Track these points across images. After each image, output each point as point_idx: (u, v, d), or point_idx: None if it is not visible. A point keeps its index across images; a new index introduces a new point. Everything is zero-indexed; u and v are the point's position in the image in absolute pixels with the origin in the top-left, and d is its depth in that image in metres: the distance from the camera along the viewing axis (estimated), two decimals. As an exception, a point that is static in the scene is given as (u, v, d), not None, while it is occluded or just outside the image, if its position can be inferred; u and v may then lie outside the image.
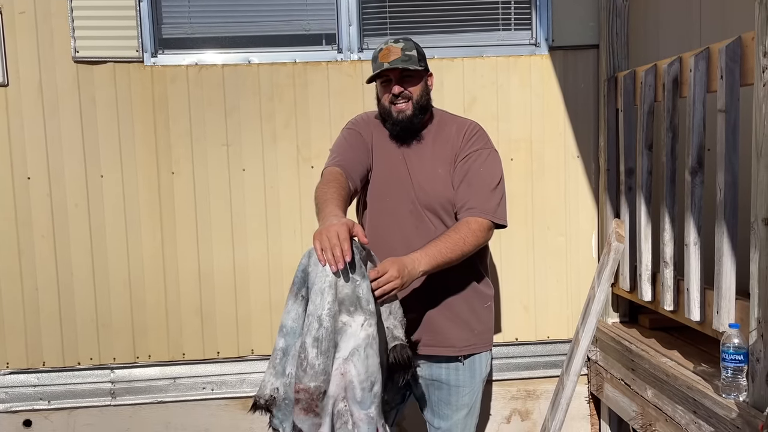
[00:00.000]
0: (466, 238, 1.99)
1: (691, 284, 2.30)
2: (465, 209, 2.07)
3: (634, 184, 2.78)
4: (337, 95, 3.03)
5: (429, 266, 1.90)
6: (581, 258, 3.16)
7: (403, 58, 2.07)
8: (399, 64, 2.06)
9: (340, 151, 2.16)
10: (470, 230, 2.01)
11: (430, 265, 1.90)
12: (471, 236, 2.01)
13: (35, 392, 3.01)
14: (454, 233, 2.00)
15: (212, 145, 3.01)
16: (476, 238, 2.02)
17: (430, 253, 1.92)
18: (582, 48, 3.09)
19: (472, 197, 2.08)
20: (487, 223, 2.05)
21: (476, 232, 2.02)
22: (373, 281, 1.73)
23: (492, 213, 2.07)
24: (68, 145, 2.95)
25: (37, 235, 2.96)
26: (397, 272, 1.79)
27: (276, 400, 1.70)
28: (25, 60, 2.91)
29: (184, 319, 3.05)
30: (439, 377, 2.20)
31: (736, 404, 1.98)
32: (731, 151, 2.09)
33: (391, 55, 2.07)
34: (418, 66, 2.09)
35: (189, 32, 3.02)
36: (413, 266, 1.86)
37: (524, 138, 3.10)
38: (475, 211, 2.05)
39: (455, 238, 1.98)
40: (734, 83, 2.06)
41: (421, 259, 1.89)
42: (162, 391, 3.06)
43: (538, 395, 3.21)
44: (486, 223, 2.05)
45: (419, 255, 1.90)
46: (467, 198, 2.08)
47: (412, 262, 1.87)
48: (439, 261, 1.93)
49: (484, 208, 2.06)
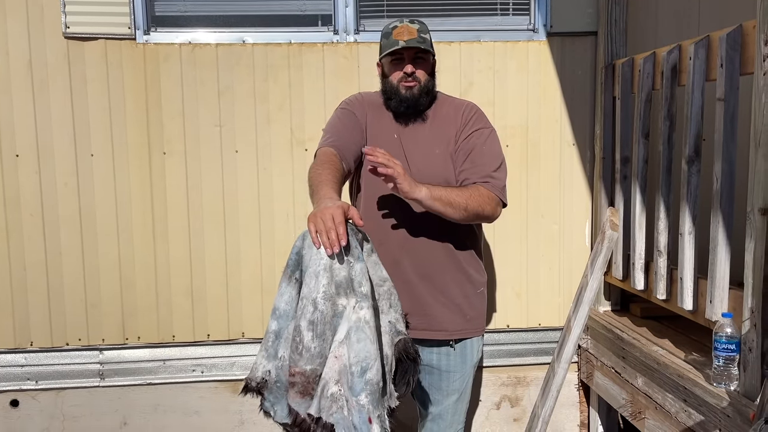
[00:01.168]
0: (473, 196, 2.02)
1: (685, 273, 2.30)
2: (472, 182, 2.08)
3: (629, 172, 2.77)
4: (332, 77, 2.99)
5: (428, 196, 1.94)
6: (574, 246, 3.16)
7: (418, 40, 2.08)
8: (415, 44, 2.06)
9: (334, 131, 2.14)
10: (479, 194, 2.04)
11: (429, 195, 1.94)
12: (478, 198, 2.03)
13: (23, 372, 2.99)
14: (464, 188, 2.05)
15: (205, 126, 2.97)
16: (481, 203, 2.03)
17: (434, 186, 1.97)
18: (580, 35, 3.06)
19: (478, 174, 2.09)
20: (494, 197, 2.08)
21: (484, 198, 2.04)
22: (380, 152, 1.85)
23: (499, 190, 2.10)
24: (58, 122, 2.90)
25: (26, 214, 2.92)
26: (402, 169, 1.88)
27: (267, 383, 1.69)
28: (15, 35, 2.85)
29: (174, 301, 3.02)
30: (430, 362, 2.20)
31: (727, 393, 1.98)
32: (729, 141, 2.08)
33: (407, 34, 2.07)
34: (431, 50, 2.11)
35: (183, 10, 2.97)
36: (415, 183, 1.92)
37: (520, 124, 3.08)
38: (485, 184, 2.08)
39: (463, 191, 2.03)
40: (734, 72, 2.04)
41: (422, 185, 1.94)
42: (151, 372, 3.04)
43: (528, 382, 3.22)
44: (494, 197, 2.08)
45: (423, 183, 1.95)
46: (473, 174, 2.09)
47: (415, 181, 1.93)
48: (439, 195, 1.96)
49: (493, 184, 2.08)
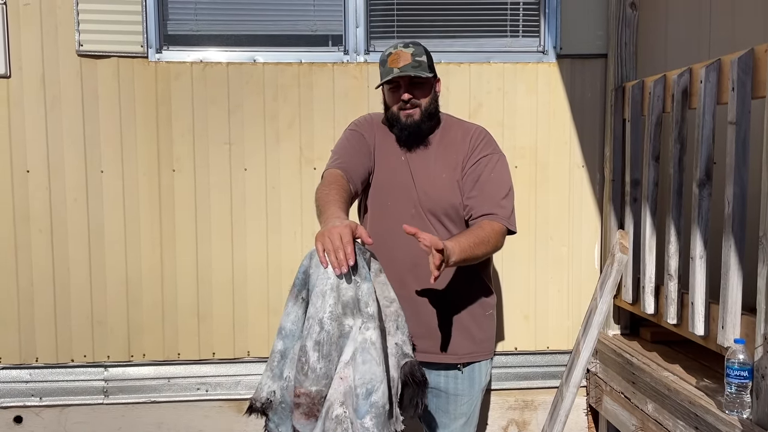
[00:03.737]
0: (490, 238, 1.96)
1: (696, 298, 2.27)
2: (481, 214, 2.05)
3: (639, 195, 2.76)
4: (342, 97, 3.00)
5: (459, 258, 1.80)
6: (583, 269, 3.13)
7: (413, 64, 2.03)
8: (410, 71, 2.01)
9: (342, 152, 2.13)
10: (493, 231, 1.98)
11: (460, 257, 1.80)
12: (493, 237, 1.98)
13: (27, 388, 2.97)
14: (480, 230, 1.95)
15: (214, 144, 2.98)
16: (496, 240, 2.00)
17: (462, 246, 1.81)
18: (590, 57, 3.07)
19: (486, 203, 2.05)
20: (504, 228, 2.04)
21: (498, 235, 2.00)
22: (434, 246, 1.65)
23: (507, 219, 2.05)
24: (69, 138, 2.92)
25: (35, 229, 2.93)
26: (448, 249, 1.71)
27: (272, 404, 1.66)
28: (29, 52, 2.88)
29: (180, 319, 3.01)
30: (438, 385, 2.17)
31: (739, 421, 1.95)
32: (741, 164, 2.06)
33: (401, 60, 2.03)
34: (428, 73, 2.06)
35: (194, 29, 3.00)
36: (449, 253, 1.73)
37: (529, 146, 3.08)
38: (494, 216, 2.03)
39: (482, 236, 1.93)
40: (746, 95, 2.04)
41: (454, 249, 1.77)
42: (156, 390, 3.02)
43: (536, 406, 3.17)
44: (503, 229, 2.03)
45: (452, 245, 1.78)
46: (482, 204, 2.05)
47: (448, 250, 1.73)
48: (467, 255, 1.84)
49: (501, 215, 2.04)
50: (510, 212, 2.07)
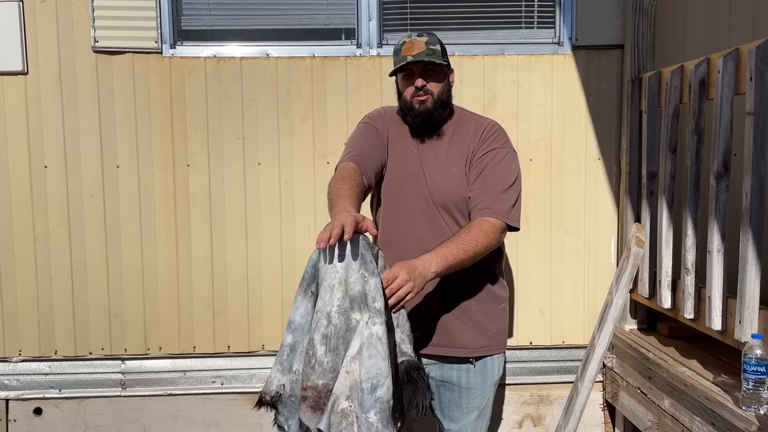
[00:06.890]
0: (478, 239, 1.93)
1: (713, 292, 2.23)
2: (478, 209, 2.01)
3: (656, 187, 2.72)
4: (355, 91, 3.00)
5: (441, 267, 1.83)
6: (599, 262, 3.10)
7: (427, 52, 2.03)
8: (423, 57, 2.02)
9: (355, 145, 2.13)
10: (482, 231, 1.95)
11: (441, 267, 1.83)
12: (483, 237, 1.94)
13: (47, 380, 3.02)
14: (466, 234, 1.93)
15: (228, 139, 2.99)
16: (488, 239, 1.95)
17: (442, 255, 1.85)
18: (606, 48, 3.02)
19: (486, 197, 2.02)
20: (500, 224, 1.99)
21: (488, 234, 1.95)
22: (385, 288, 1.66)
23: (505, 214, 2.01)
24: (85, 134, 2.95)
25: (53, 224, 2.97)
26: (407, 275, 1.72)
27: (282, 397, 1.67)
28: (45, 49, 2.91)
29: (195, 312, 3.04)
30: (450, 378, 2.16)
31: (756, 417, 1.91)
32: (759, 156, 2.02)
33: (415, 48, 2.03)
34: (442, 61, 2.06)
35: (208, 24, 3.01)
36: (424, 268, 1.79)
37: (544, 138, 3.05)
38: (488, 211, 1.99)
39: (467, 240, 1.91)
40: (764, 85, 1.99)
41: (432, 261, 1.82)
42: (172, 383, 3.05)
43: (552, 401, 3.15)
44: (499, 225, 1.99)
45: (430, 256, 1.83)
46: (480, 198, 2.03)
47: (423, 263, 1.79)
48: (450, 262, 1.85)
49: (498, 209, 2.00)
50: (509, 207, 2.02)
